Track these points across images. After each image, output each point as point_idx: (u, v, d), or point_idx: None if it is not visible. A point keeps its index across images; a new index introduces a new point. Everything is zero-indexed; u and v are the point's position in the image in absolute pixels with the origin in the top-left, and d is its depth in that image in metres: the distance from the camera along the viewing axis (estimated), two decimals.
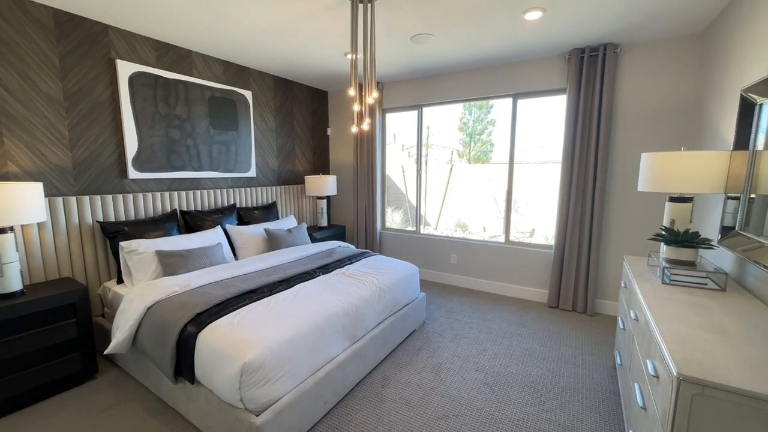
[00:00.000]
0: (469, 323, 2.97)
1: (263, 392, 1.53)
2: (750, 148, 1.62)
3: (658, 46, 2.76)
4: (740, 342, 1.11)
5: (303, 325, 1.80)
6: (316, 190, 4.08)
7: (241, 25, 2.52)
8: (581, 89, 2.96)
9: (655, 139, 2.84)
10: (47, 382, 1.98)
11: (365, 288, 2.33)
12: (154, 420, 1.82)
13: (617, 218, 3.05)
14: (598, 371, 2.27)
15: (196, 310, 1.84)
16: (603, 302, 3.17)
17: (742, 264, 1.68)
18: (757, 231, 1.52)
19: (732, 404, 0.90)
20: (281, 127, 4.02)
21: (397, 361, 2.38)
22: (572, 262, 3.14)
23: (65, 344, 2.05)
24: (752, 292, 1.56)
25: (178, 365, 1.74)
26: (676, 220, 1.84)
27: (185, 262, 2.43)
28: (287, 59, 3.31)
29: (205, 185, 3.25)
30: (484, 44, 2.89)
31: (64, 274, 2.35)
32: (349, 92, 2.22)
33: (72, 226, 2.37)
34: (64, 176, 2.37)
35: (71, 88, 2.35)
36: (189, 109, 3.03)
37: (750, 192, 1.59)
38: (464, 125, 4.77)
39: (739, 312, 1.34)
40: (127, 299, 2.09)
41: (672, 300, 1.46)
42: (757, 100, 1.59)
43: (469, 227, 4.99)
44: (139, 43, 2.67)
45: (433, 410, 1.90)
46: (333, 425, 1.79)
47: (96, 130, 2.49)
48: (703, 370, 0.95)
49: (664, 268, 1.68)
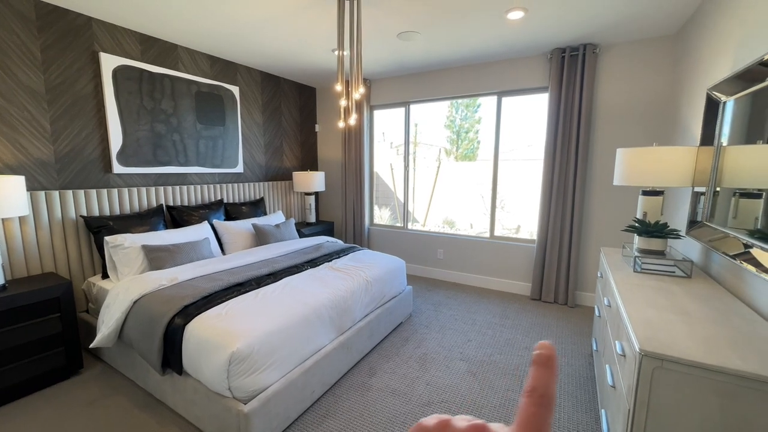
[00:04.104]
0: (455, 315, 3.04)
1: (251, 381, 1.56)
2: (715, 144, 1.72)
3: (635, 47, 2.87)
4: (700, 322, 1.20)
5: (291, 316, 1.83)
6: (304, 186, 4.09)
7: (228, 19, 2.52)
8: (562, 88, 3.06)
9: (632, 136, 2.96)
10: (31, 377, 1.97)
11: (353, 281, 2.37)
12: (140, 413, 1.83)
13: (596, 212, 3.17)
14: (577, 358, 2.37)
15: (183, 302, 1.85)
16: (583, 294, 3.28)
17: (707, 253, 1.79)
18: (721, 222, 1.62)
19: (688, 376, 0.97)
20: (269, 123, 4.01)
21: (384, 352, 2.43)
22: (554, 255, 3.25)
23: (49, 339, 2.03)
24: (716, 278, 1.66)
25: (165, 357, 1.76)
26: (649, 213, 1.94)
27: (172, 257, 2.43)
28: (275, 55, 3.31)
29: (192, 180, 3.24)
30: (469, 42, 2.96)
31: (47, 269, 2.32)
32: (336, 88, 2.25)
33: (55, 220, 2.34)
34: (47, 170, 2.34)
35: (53, 81, 2.32)
36: (175, 104, 3.01)
37: (715, 185, 1.69)
38: (451, 123, 4.84)
39: (702, 296, 1.43)
40: (113, 293, 2.08)
41: (641, 286, 1.54)
42: (722, 98, 1.69)
43: (456, 224, 5.07)
44: (123, 36, 2.65)
45: (418, 398, 1.96)
46: (320, 413, 1.83)
47: (79, 123, 2.46)
48: (664, 346, 1.03)
49: (636, 257, 1.77)
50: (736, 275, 1.49)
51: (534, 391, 0.22)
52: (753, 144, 1.42)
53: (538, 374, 0.23)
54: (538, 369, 0.23)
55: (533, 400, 0.22)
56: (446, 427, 0.23)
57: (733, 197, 1.53)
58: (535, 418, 0.22)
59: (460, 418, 0.24)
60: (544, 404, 0.22)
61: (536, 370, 0.23)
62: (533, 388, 0.23)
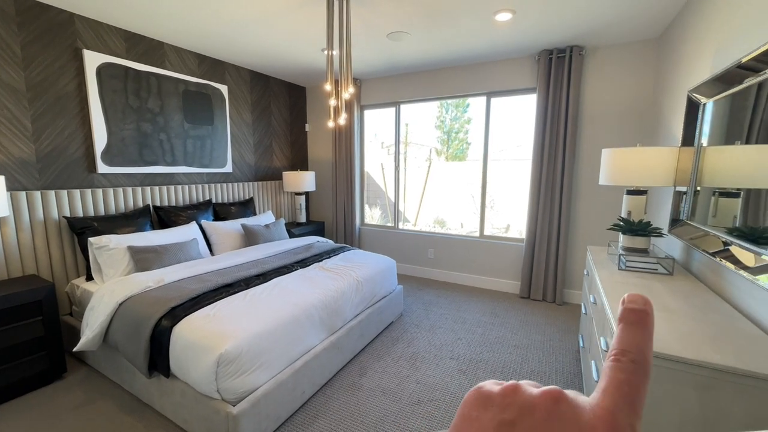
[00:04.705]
0: (445, 314, 3.06)
1: (240, 382, 1.55)
2: (695, 145, 1.76)
3: (619, 50, 2.93)
4: (681, 318, 1.23)
5: (280, 316, 1.82)
6: (294, 186, 4.07)
7: (216, 17, 2.49)
8: (550, 89, 3.10)
9: (617, 137, 3.02)
10: (12, 382, 1.91)
11: (343, 281, 2.37)
12: (127, 416, 1.80)
13: (583, 211, 3.22)
14: (564, 355, 2.41)
15: (170, 304, 1.82)
16: (570, 292, 3.34)
17: (688, 250, 1.84)
18: (701, 220, 1.67)
19: (669, 371, 1.00)
20: (258, 123, 3.98)
21: (375, 352, 2.43)
22: (542, 254, 3.29)
23: (31, 343, 1.98)
24: (696, 275, 1.71)
25: (152, 360, 1.73)
26: (633, 212, 1.98)
27: (159, 258, 2.39)
28: (264, 54, 3.29)
29: (179, 180, 3.19)
30: (459, 43, 2.98)
31: (28, 271, 2.26)
32: (326, 87, 2.25)
33: (36, 221, 2.28)
34: (28, 170, 2.28)
35: (34, 79, 2.26)
36: (162, 103, 2.96)
37: (696, 185, 1.74)
38: (441, 123, 4.87)
39: (683, 293, 1.47)
40: (98, 295, 2.04)
41: (625, 283, 1.58)
42: (702, 100, 1.74)
43: (447, 223, 5.10)
44: (107, 33, 2.60)
45: (409, 396, 1.97)
46: (311, 414, 1.83)
47: (62, 122, 2.41)
48: None
49: (621, 255, 1.81)
50: (716, 272, 1.53)
51: (623, 355, 0.19)
52: (731, 144, 1.47)
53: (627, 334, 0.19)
54: (628, 328, 0.19)
55: (622, 365, 0.18)
56: (515, 393, 0.20)
57: (713, 196, 1.57)
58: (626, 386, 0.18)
59: (527, 383, 0.20)
60: (638, 371, 0.18)
61: (626, 329, 0.19)
62: (622, 350, 0.19)
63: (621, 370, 0.18)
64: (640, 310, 0.19)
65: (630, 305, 0.20)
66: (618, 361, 0.18)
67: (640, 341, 0.19)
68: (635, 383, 0.18)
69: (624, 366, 0.18)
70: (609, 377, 0.18)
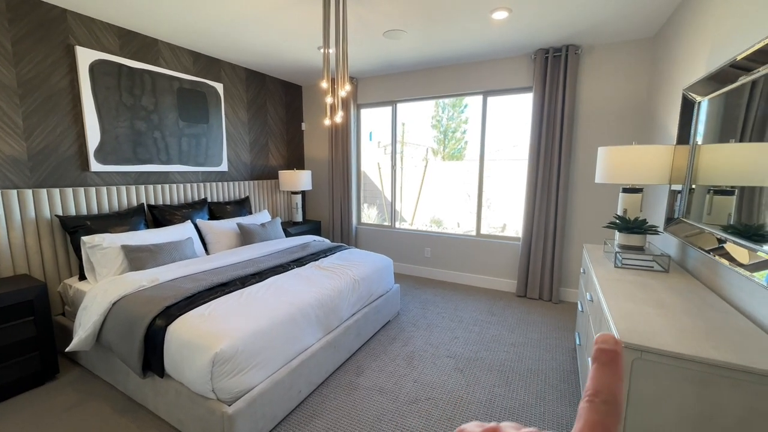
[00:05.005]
0: (442, 313, 3.06)
1: (236, 382, 1.54)
2: (690, 143, 1.77)
3: (615, 49, 2.95)
4: (677, 315, 1.23)
5: (276, 315, 1.81)
6: (290, 185, 4.05)
7: (211, 14, 2.47)
8: (546, 88, 3.11)
9: (613, 135, 3.03)
10: (3, 384, 1.88)
11: (340, 280, 2.36)
12: (120, 417, 1.78)
13: (579, 210, 3.24)
14: (561, 353, 2.41)
15: (164, 303, 1.80)
16: (567, 290, 3.35)
17: (684, 248, 1.85)
18: (696, 218, 1.68)
19: (666, 367, 1.00)
20: (254, 121, 3.95)
21: (372, 351, 2.42)
22: (538, 252, 3.30)
23: (23, 344, 1.95)
24: (692, 272, 1.72)
25: (146, 359, 1.71)
26: (629, 210, 1.99)
27: (153, 257, 2.37)
28: (260, 52, 3.26)
29: (174, 179, 3.16)
30: (455, 41, 2.98)
31: (19, 271, 2.22)
32: (322, 85, 2.23)
33: (28, 220, 2.25)
34: (19, 168, 2.24)
35: (26, 75, 2.23)
36: (156, 100, 2.93)
37: (691, 183, 1.75)
38: (438, 123, 4.87)
39: (678, 290, 1.48)
40: (90, 295, 2.02)
41: (621, 281, 1.58)
42: (696, 98, 1.75)
43: (443, 223, 5.10)
44: (100, 30, 2.56)
45: (406, 395, 1.96)
46: (307, 413, 1.82)
47: (54, 119, 2.37)
48: (642, 338, 1.06)
49: (617, 253, 1.82)
50: (711, 269, 1.54)
51: (596, 396, 0.19)
52: (726, 143, 1.47)
53: (599, 375, 0.20)
54: (600, 368, 0.20)
55: (595, 406, 0.19)
56: None
57: (708, 194, 1.58)
58: (599, 427, 0.19)
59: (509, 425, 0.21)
60: (610, 412, 0.19)
61: (598, 369, 0.20)
62: (595, 391, 0.20)
63: (595, 411, 0.19)
64: (611, 350, 0.21)
65: (602, 345, 0.21)
66: (592, 402, 0.19)
67: (611, 382, 0.20)
68: (607, 425, 0.19)
69: (597, 407, 0.19)
70: (584, 419, 0.19)
